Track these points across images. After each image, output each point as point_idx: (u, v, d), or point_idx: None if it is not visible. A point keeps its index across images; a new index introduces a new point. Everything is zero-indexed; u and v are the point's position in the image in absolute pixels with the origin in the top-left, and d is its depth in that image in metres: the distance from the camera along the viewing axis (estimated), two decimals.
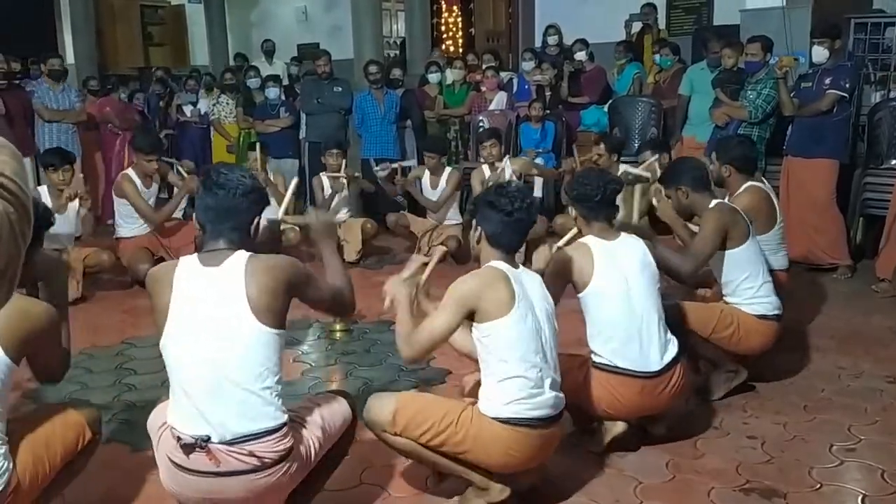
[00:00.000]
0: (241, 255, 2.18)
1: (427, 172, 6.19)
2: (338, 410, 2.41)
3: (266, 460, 2.12)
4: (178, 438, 2.09)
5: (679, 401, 3.05)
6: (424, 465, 2.60)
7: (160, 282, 2.20)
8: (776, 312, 3.45)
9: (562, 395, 2.51)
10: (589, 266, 2.84)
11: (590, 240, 2.92)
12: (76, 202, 5.03)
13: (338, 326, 4.39)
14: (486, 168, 6.03)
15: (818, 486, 2.71)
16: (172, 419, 2.15)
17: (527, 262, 2.85)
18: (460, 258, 5.63)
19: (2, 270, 0.75)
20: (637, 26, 8.44)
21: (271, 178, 6.08)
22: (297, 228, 5.48)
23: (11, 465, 2.12)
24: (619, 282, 2.86)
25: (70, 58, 10.83)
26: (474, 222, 2.59)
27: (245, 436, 2.10)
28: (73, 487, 2.44)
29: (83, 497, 2.60)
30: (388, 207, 6.54)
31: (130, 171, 5.62)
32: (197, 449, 2.07)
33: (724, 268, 3.44)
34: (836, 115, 5.33)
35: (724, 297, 3.49)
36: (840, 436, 3.08)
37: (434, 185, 6.18)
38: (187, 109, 8.45)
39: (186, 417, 2.12)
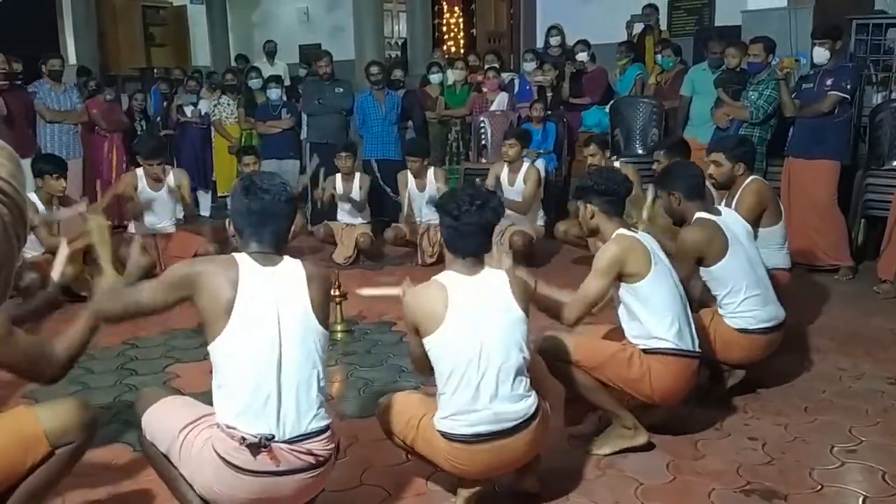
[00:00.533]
0: (293, 260, 2.27)
1: (506, 167, 6.07)
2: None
3: (320, 458, 2.18)
4: (243, 439, 2.08)
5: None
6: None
7: (217, 279, 2.15)
8: (763, 325, 3.35)
9: (515, 407, 2.42)
10: (646, 256, 2.88)
11: (626, 231, 2.95)
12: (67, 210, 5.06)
13: (339, 327, 4.38)
14: (505, 165, 6.04)
15: (819, 487, 2.71)
16: (228, 419, 2.12)
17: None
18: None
19: None
20: (639, 27, 8.44)
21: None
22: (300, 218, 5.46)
23: None
24: (667, 267, 2.95)
25: (72, 58, 10.83)
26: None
27: (303, 435, 2.15)
28: (74, 488, 2.44)
29: (84, 497, 2.60)
30: (393, 210, 6.53)
31: (140, 171, 5.65)
32: (262, 448, 2.08)
33: (707, 284, 3.42)
34: (838, 117, 5.33)
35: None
36: (841, 437, 3.07)
37: (420, 188, 6.19)
38: (188, 110, 8.45)
39: (248, 417, 2.11)
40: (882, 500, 2.63)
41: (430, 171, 6.22)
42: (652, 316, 2.88)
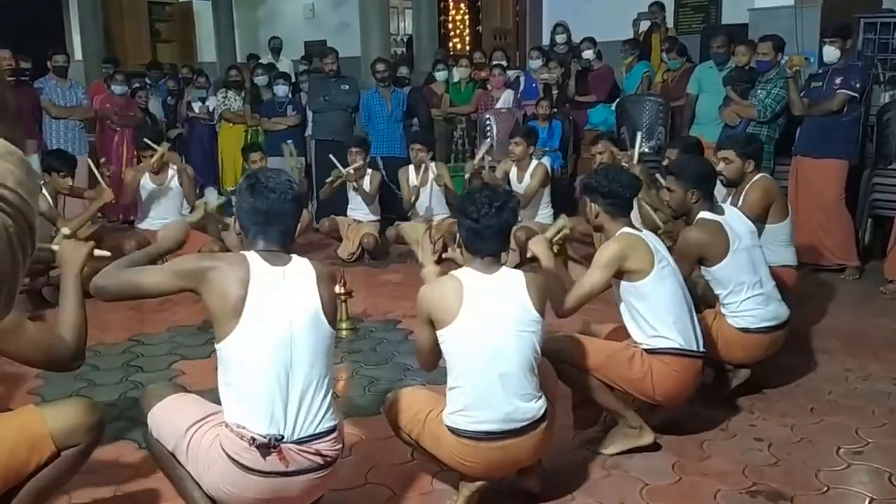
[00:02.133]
0: (302, 259, 2.27)
1: (514, 166, 6.08)
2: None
3: (328, 458, 2.18)
4: (253, 439, 2.08)
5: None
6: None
7: (226, 277, 2.14)
8: (765, 325, 3.34)
9: (526, 407, 2.43)
10: (649, 254, 2.88)
11: (631, 230, 2.95)
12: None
13: (344, 325, 4.38)
14: (513, 164, 6.05)
15: (825, 489, 2.70)
16: (239, 419, 2.11)
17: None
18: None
19: None
20: (645, 25, 8.41)
21: None
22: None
23: None
24: (671, 266, 2.94)
25: (78, 54, 10.85)
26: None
27: (312, 435, 2.15)
28: (80, 486, 2.45)
29: (90, 495, 2.61)
30: (401, 208, 6.52)
31: (143, 165, 5.67)
32: (271, 449, 2.08)
33: (709, 283, 3.42)
34: (846, 116, 5.31)
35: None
36: (847, 438, 3.06)
37: (422, 183, 6.19)
38: (196, 106, 8.45)
39: (259, 417, 2.11)
40: (888, 501, 2.62)
41: (432, 166, 6.21)
42: (653, 315, 2.88)
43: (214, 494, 2.20)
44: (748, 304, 3.33)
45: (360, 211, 6.38)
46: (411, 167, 6.24)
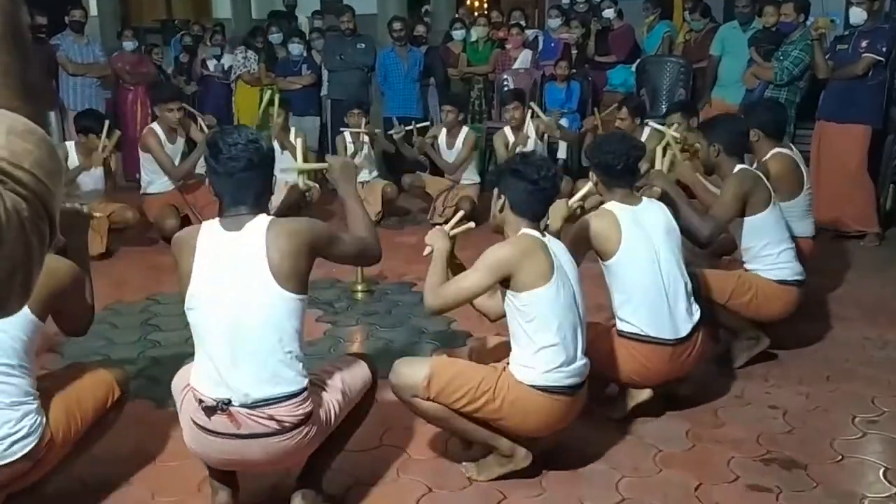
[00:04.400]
0: (262, 220, 2.17)
1: (444, 132, 6.12)
2: (358, 374, 2.43)
3: (286, 424, 2.14)
4: (200, 401, 2.12)
5: (700, 365, 3.05)
6: (449, 431, 2.62)
7: (183, 246, 2.21)
8: (797, 278, 3.41)
9: (588, 361, 2.53)
10: (615, 233, 2.82)
11: (614, 206, 2.89)
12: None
13: (359, 287, 4.40)
14: (508, 131, 5.97)
15: (839, 458, 2.70)
16: (195, 381, 2.18)
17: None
18: (474, 219, 5.63)
19: (8, 274, 0.69)
20: None
21: (292, 139, 5.93)
22: (318, 186, 5.39)
23: (45, 419, 2.19)
24: (647, 247, 2.85)
25: (93, 10, 10.77)
26: (496, 191, 2.61)
27: (265, 400, 2.12)
28: (100, 443, 2.49)
29: (110, 452, 2.65)
30: (409, 167, 6.48)
31: (155, 126, 5.64)
32: (218, 412, 2.10)
33: (744, 234, 3.41)
34: (872, 80, 5.20)
35: (744, 264, 3.45)
36: (863, 407, 3.05)
37: (450, 146, 6.14)
38: (210, 64, 8.38)
39: (208, 381, 2.15)
40: None
41: (464, 131, 6.15)
42: (620, 297, 2.89)
43: (192, 452, 2.29)
44: (785, 256, 3.41)
45: (364, 172, 6.29)
46: (443, 131, 6.17)
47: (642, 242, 2.83)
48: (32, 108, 0.77)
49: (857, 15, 5.17)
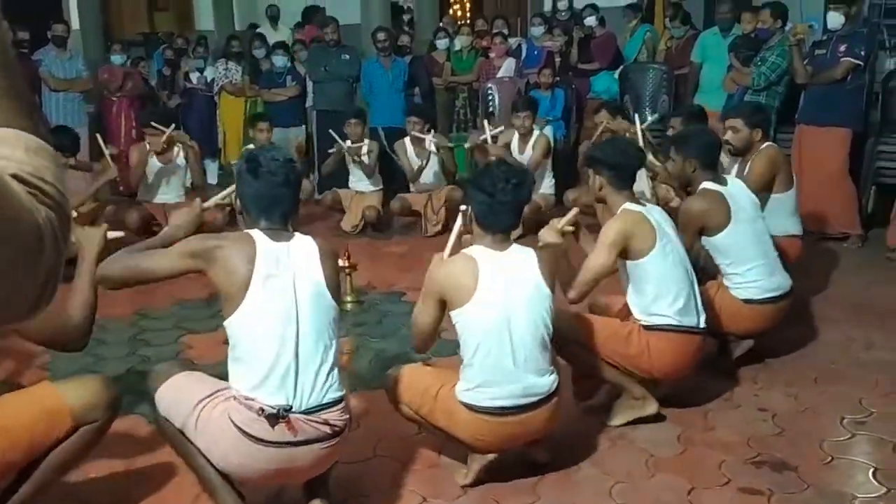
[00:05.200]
0: (304, 235, 2.32)
1: (516, 136, 6.05)
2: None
3: (336, 428, 2.23)
4: (262, 409, 2.12)
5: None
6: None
7: (233, 252, 2.18)
8: (768, 295, 3.35)
9: (541, 381, 2.48)
10: (651, 231, 2.87)
11: (634, 206, 2.94)
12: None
13: (349, 298, 4.40)
14: (515, 134, 6.02)
15: (829, 459, 2.73)
16: (246, 391, 2.16)
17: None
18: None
19: (45, 280, 0.74)
20: None
21: None
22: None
23: None
24: (673, 242, 2.94)
25: (75, 24, 10.71)
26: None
27: (320, 405, 2.20)
28: (91, 460, 2.47)
29: (103, 469, 2.64)
30: (403, 178, 6.47)
31: (147, 142, 5.64)
32: (280, 419, 2.13)
33: (711, 253, 3.42)
34: (851, 83, 5.27)
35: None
36: (851, 408, 3.09)
37: (419, 156, 6.15)
38: (193, 77, 8.37)
39: (266, 389, 2.16)
40: (892, 471, 2.65)
41: (429, 137, 6.16)
42: (653, 291, 2.89)
43: (224, 467, 2.24)
44: (751, 275, 3.34)
45: (361, 183, 6.34)
46: (408, 139, 6.20)
47: (668, 237, 2.92)
48: (38, 127, 0.81)
49: (835, 19, 5.25)
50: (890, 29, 6.43)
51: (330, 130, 6.24)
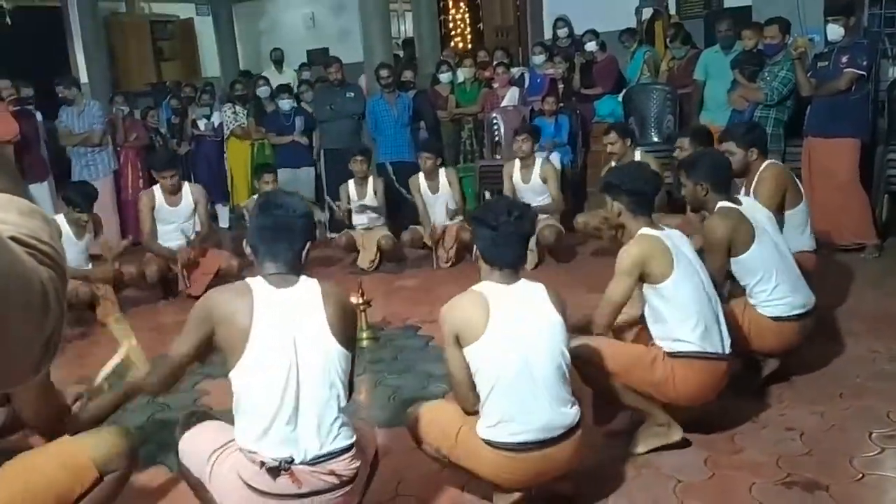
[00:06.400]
0: (310, 279, 2.25)
1: (517, 163, 6.05)
2: (369, 435, 2.46)
3: (344, 478, 2.17)
4: (262, 463, 2.09)
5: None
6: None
7: (233, 305, 2.16)
8: (797, 312, 3.32)
9: (563, 414, 2.44)
10: (668, 256, 2.84)
11: (651, 231, 2.92)
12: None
13: (364, 335, 4.38)
14: (517, 163, 6.03)
15: (860, 476, 2.67)
16: (249, 444, 2.13)
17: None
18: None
19: (48, 339, 0.75)
20: (647, 12, 8.38)
21: None
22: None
23: None
24: (693, 266, 2.91)
25: (83, 78, 10.89)
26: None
27: (324, 455, 2.14)
28: None
29: None
30: (411, 213, 6.49)
31: (156, 188, 5.69)
32: (282, 472, 2.09)
33: (736, 274, 3.38)
34: (855, 94, 5.26)
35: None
36: (878, 422, 3.03)
37: (433, 190, 6.20)
38: (201, 123, 8.47)
39: (268, 441, 2.12)
40: None
41: (442, 172, 6.21)
42: (675, 317, 2.85)
43: None
44: (779, 292, 3.30)
45: (364, 216, 6.33)
46: (422, 175, 6.22)
47: (688, 261, 2.89)
48: (27, 190, 0.83)
49: (835, 31, 5.26)
50: (891, 38, 6.41)
51: (326, 197, 6.30)
